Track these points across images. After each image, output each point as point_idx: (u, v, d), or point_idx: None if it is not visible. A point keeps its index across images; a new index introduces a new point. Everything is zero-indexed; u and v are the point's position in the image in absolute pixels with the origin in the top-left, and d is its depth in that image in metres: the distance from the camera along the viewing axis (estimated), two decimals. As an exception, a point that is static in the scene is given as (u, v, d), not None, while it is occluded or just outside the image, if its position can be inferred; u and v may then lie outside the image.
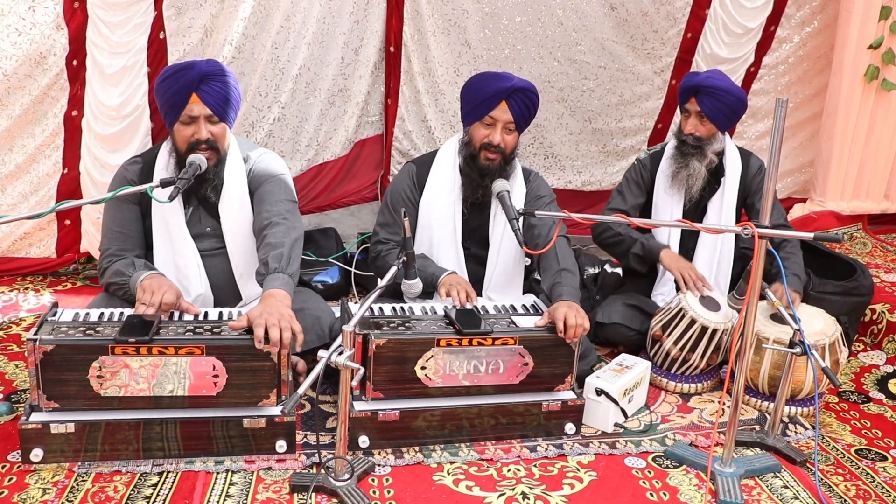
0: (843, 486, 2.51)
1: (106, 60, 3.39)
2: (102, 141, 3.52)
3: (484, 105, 2.87)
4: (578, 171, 4.55)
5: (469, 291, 2.80)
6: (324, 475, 2.31)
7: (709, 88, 3.16)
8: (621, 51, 4.24)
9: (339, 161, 4.02)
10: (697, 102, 3.19)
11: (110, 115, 3.47)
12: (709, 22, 4.15)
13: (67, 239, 3.79)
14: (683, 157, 3.28)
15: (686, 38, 4.22)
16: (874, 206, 4.94)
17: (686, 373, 3.10)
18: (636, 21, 4.14)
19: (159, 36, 3.47)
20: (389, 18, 3.78)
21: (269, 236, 2.65)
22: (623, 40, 4.22)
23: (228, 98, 2.67)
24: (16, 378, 2.88)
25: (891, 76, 4.56)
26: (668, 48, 4.27)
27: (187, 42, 3.55)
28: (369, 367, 2.48)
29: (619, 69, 4.29)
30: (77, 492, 2.22)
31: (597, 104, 4.38)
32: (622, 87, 4.37)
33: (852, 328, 3.55)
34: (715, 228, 3.00)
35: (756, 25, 4.23)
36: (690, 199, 3.33)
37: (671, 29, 4.21)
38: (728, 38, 4.20)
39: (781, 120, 2.18)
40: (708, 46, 4.19)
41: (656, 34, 4.23)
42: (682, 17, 4.15)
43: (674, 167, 3.32)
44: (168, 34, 3.49)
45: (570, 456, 2.58)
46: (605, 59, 4.23)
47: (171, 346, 2.30)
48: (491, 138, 2.89)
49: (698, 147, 3.25)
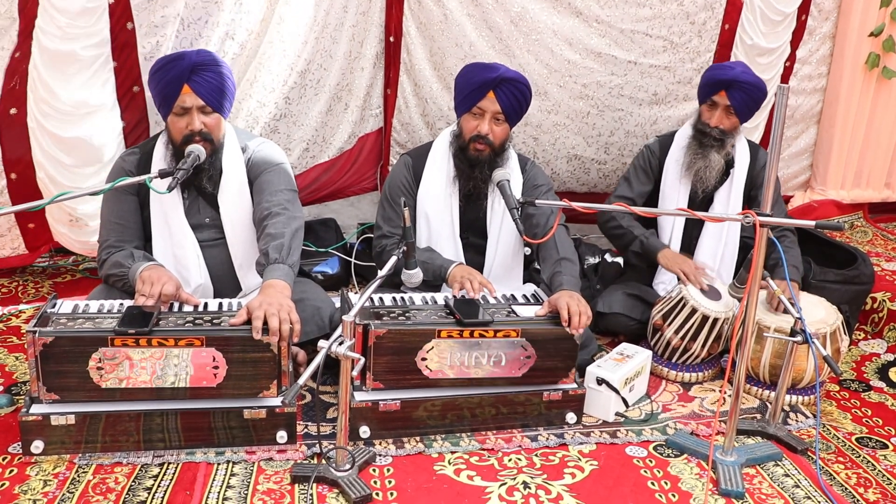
0: (844, 474, 2.51)
1: (57, 48, 3.00)
2: (59, 143, 3.14)
3: (472, 95, 2.87)
4: (605, 175, 4.33)
5: (481, 280, 2.79)
6: (325, 465, 2.31)
7: (743, 84, 3.13)
8: (654, 44, 4.01)
9: (344, 156, 4.00)
10: (728, 96, 3.15)
11: (65, 111, 3.09)
12: (745, 11, 4.04)
13: (37, 241, 3.56)
14: (702, 148, 3.25)
15: (724, 29, 4.04)
16: (875, 195, 4.94)
17: (687, 362, 3.10)
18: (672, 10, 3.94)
19: (126, 27, 3.14)
20: (390, 8, 3.76)
21: (269, 227, 2.65)
22: (657, 32, 3.99)
23: (221, 88, 2.66)
24: (16, 370, 2.88)
25: (891, 64, 4.55)
26: (706, 41, 4.08)
27: (160, 34, 3.23)
28: (369, 357, 2.47)
29: (651, 65, 4.04)
30: (78, 483, 2.22)
31: (627, 103, 4.12)
32: (655, 84, 4.11)
33: (853, 317, 3.55)
34: (716, 217, 2.99)
35: (792, 10, 4.13)
36: (703, 189, 3.31)
37: (710, 20, 4.01)
38: (765, 26, 4.06)
39: (783, 108, 2.17)
40: (748, 37, 4.03)
41: (693, 26, 4.02)
42: (719, 6, 4.03)
43: (689, 157, 3.29)
44: (137, 25, 3.16)
45: (572, 445, 2.58)
46: (636, 52, 3.99)
47: (171, 338, 2.29)
48: (479, 129, 2.88)
49: (721, 140, 3.23)
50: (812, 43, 4.45)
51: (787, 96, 2.18)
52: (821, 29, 4.44)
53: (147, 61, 3.18)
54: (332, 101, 3.83)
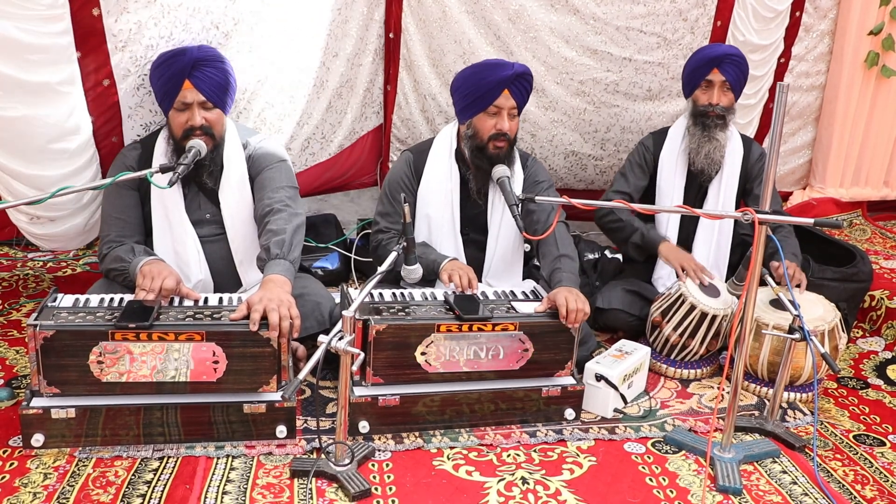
0: (842, 471, 2.52)
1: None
2: (8, 127, 2.69)
3: (487, 95, 2.87)
4: (602, 172, 4.34)
5: (471, 276, 2.80)
6: (324, 460, 2.31)
7: (733, 56, 3.23)
8: (647, 40, 4.02)
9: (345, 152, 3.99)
10: (721, 72, 3.22)
11: (17, 101, 2.67)
12: (737, 7, 4.06)
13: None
14: (706, 130, 3.28)
15: (716, 26, 4.07)
16: (874, 193, 4.94)
17: (685, 359, 3.11)
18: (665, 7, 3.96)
19: (92, 13, 2.73)
20: (389, 4, 3.76)
21: (270, 223, 2.65)
22: (651, 29, 4.00)
23: (222, 84, 2.67)
24: (16, 364, 2.89)
25: (891, 62, 4.55)
26: (699, 38, 4.07)
27: (133, 21, 2.84)
28: (369, 352, 2.48)
29: (646, 61, 4.05)
30: (78, 476, 2.23)
31: (622, 99, 4.15)
32: (650, 81, 4.13)
33: (851, 314, 3.56)
34: (715, 214, 2.99)
35: (785, 7, 4.15)
36: (716, 171, 3.32)
37: (702, 17, 4.03)
38: (757, 23, 4.09)
39: (782, 105, 2.18)
40: (740, 33, 4.05)
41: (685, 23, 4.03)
42: (711, 2, 4.04)
43: (695, 143, 3.30)
44: (105, 11, 2.76)
45: (570, 441, 2.59)
46: (630, 49, 4.01)
47: (171, 332, 2.30)
48: (500, 126, 2.89)
49: (723, 118, 3.26)
50: (809, 40, 4.46)
51: (787, 94, 2.18)
52: (818, 26, 4.44)
53: (119, 52, 2.86)
54: (334, 97, 3.82)
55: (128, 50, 2.85)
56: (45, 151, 2.80)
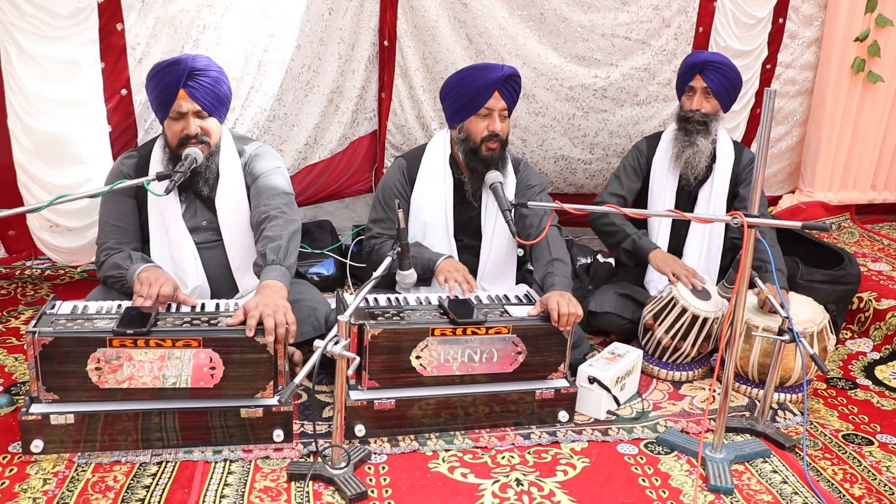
0: (831, 470, 2.55)
1: (39, 48, 2.93)
2: (39, 140, 3.03)
3: (478, 98, 2.90)
4: (591, 175, 4.42)
5: (467, 278, 2.83)
6: (321, 463, 2.33)
7: (716, 63, 3.25)
8: (632, 46, 4.12)
9: (337, 157, 4.02)
10: (704, 78, 3.25)
11: (45, 110, 3.00)
12: (718, 14, 4.12)
13: (18, 247, 3.46)
14: (688, 135, 3.32)
15: (699, 32, 4.15)
16: (861, 197, 5.00)
17: (677, 361, 3.14)
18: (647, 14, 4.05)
19: (116, 27, 3.07)
20: (384, 12, 3.80)
21: (267, 229, 2.67)
22: (636, 36, 4.09)
23: (217, 93, 2.69)
24: (15, 370, 2.90)
25: (877, 68, 4.61)
26: (682, 44, 4.18)
27: (151, 37, 3.18)
28: (365, 356, 2.50)
29: (632, 67, 4.14)
30: (77, 482, 2.25)
31: (610, 104, 4.22)
32: (637, 87, 4.22)
33: (840, 316, 3.60)
34: (705, 218, 3.03)
35: (765, 15, 4.21)
36: (695, 177, 3.36)
37: (685, 24, 4.12)
38: (739, 29, 4.15)
39: (769, 111, 2.22)
40: (721, 40, 4.11)
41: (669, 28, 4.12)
42: (692, 10, 4.11)
43: (677, 148, 3.35)
44: (127, 27, 3.10)
45: (564, 443, 2.61)
46: (616, 55, 4.10)
47: (169, 339, 2.32)
48: (492, 128, 2.92)
49: (704, 124, 3.30)
50: (794, 47, 4.53)
51: (774, 100, 2.22)
52: (804, 33, 4.51)
53: (139, 65, 3.15)
54: (324, 103, 3.85)
55: (144, 63, 3.07)
56: (67, 157, 3.06)
